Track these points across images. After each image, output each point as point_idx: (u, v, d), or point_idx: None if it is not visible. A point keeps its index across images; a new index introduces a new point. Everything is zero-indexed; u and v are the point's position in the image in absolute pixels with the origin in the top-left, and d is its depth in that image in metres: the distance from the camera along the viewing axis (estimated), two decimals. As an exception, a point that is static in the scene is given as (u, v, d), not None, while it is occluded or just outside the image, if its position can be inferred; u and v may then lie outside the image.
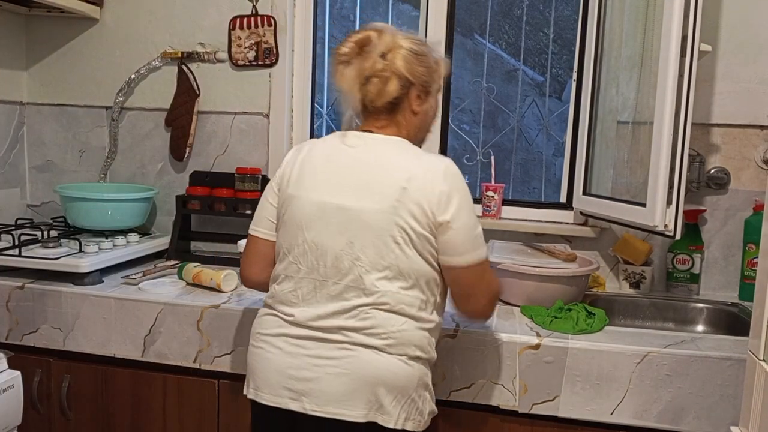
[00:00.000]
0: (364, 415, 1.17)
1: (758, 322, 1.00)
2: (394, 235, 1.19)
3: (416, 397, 1.22)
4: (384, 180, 1.21)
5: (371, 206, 1.20)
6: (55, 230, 2.03)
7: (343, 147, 1.27)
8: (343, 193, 1.22)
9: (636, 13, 1.78)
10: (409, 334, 1.21)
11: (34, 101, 2.33)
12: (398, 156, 1.25)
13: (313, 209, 1.24)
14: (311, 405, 1.19)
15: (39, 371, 1.75)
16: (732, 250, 1.93)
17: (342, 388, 1.18)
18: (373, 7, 3.14)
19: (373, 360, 1.19)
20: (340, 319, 1.20)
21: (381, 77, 1.25)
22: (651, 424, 1.43)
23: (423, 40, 1.32)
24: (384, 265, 1.20)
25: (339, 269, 1.21)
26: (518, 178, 3.19)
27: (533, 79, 3.37)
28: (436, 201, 1.20)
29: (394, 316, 1.20)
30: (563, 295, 1.68)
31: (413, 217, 1.19)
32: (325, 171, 1.26)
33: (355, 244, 1.20)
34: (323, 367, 1.19)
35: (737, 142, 1.90)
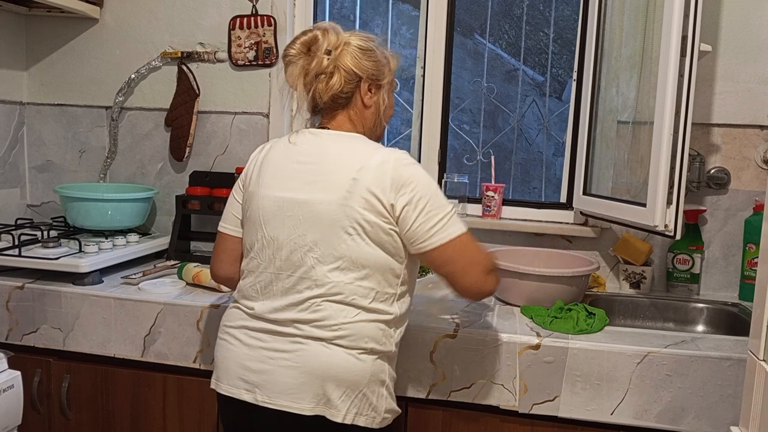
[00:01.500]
0: (311, 408, 1.19)
1: (758, 322, 1.00)
2: (345, 226, 1.21)
3: (368, 392, 1.23)
4: (336, 172, 1.23)
5: (323, 198, 1.22)
6: (55, 230, 2.03)
7: (298, 143, 1.30)
8: (297, 188, 1.25)
9: (636, 13, 1.78)
10: (361, 326, 1.22)
11: (34, 101, 2.33)
12: (350, 149, 1.27)
13: (270, 205, 1.27)
14: (263, 397, 1.22)
15: (39, 371, 1.75)
16: (732, 250, 1.93)
17: (291, 381, 1.20)
18: (373, 7, 3.14)
19: (322, 354, 1.20)
20: (293, 311, 1.23)
21: (326, 73, 1.28)
22: (651, 424, 1.43)
23: (372, 37, 1.34)
24: (336, 256, 1.21)
25: (293, 262, 1.24)
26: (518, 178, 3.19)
27: (533, 79, 3.37)
28: (389, 189, 1.21)
29: (346, 307, 1.21)
30: (563, 295, 1.68)
31: (365, 207, 1.20)
32: (280, 168, 1.29)
33: (307, 236, 1.22)
34: (276, 360, 1.22)
35: (737, 142, 1.90)
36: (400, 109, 2.54)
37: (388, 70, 1.35)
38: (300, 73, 1.29)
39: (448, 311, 1.63)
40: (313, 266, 1.22)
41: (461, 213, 2.09)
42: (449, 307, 1.67)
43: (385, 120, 1.39)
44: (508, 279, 1.70)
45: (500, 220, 2.07)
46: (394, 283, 1.26)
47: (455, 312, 1.63)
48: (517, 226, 2.03)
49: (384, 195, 1.20)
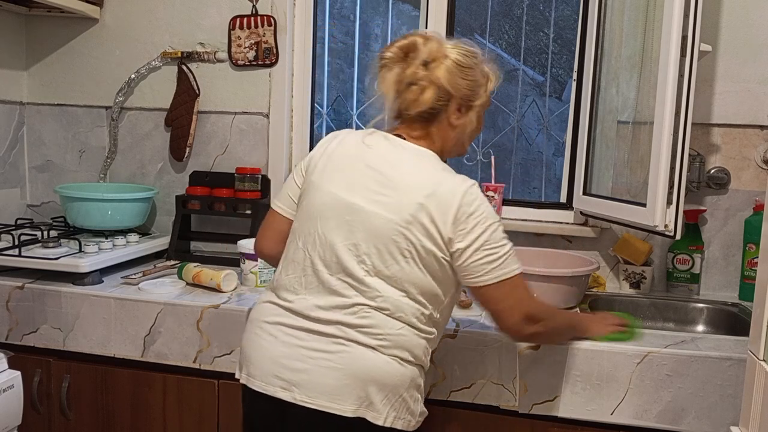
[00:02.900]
0: (353, 410, 1.18)
1: (758, 322, 1.00)
2: (401, 247, 1.19)
3: (407, 396, 1.22)
4: (404, 191, 1.20)
5: (385, 213, 1.20)
6: (55, 230, 2.03)
7: (372, 146, 1.27)
8: (361, 193, 1.22)
9: (636, 13, 1.78)
10: (405, 339, 1.21)
11: (34, 101, 2.33)
12: (423, 169, 1.23)
13: (332, 202, 1.24)
14: (301, 396, 1.19)
15: (39, 371, 1.75)
16: (732, 250, 1.93)
17: (333, 382, 1.18)
18: (374, 7, 3.14)
19: (366, 357, 1.19)
20: (339, 313, 1.20)
21: (419, 85, 1.24)
22: (651, 424, 1.43)
23: (475, 52, 1.29)
24: (387, 273, 1.20)
25: (344, 266, 1.21)
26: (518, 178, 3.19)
27: (533, 79, 3.37)
28: (450, 222, 1.19)
29: (392, 320, 1.21)
30: (563, 295, 1.68)
31: (425, 234, 1.19)
32: (349, 167, 1.25)
33: (361, 246, 1.20)
34: (316, 360, 1.19)
35: (737, 142, 1.90)
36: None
37: (483, 91, 1.30)
38: (394, 80, 1.25)
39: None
40: (363, 277, 1.20)
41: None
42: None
43: (470, 140, 1.36)
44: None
45: (500, 220, 2.07)
46: (438, 308, 1.25)
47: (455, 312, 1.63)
48: (517, 226, 2.03)
49: (445, 226, 1.19)
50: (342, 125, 2.50)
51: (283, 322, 1.24)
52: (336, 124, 2.48)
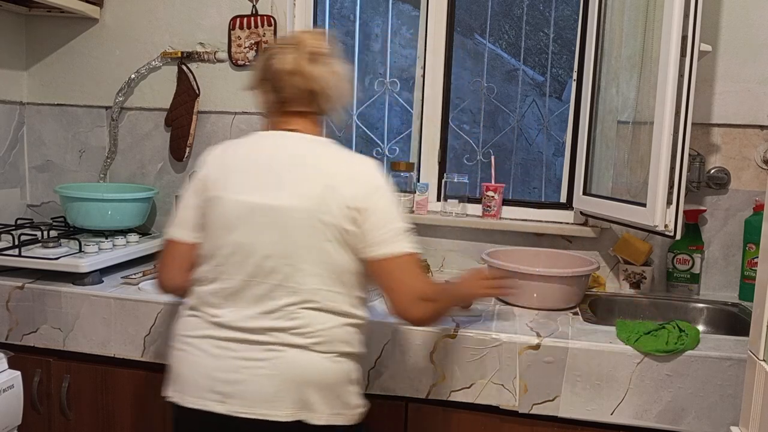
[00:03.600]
0: (290, 414, 1.19)
1: (758, 322, 1.00)
2: (320, 232, 1.21)
3: (343, 392, 1.24)
4: (310, 178, 1.23)
5: (297, 204, 1.21)
6: (55, 230, 2.03)
7: (266, 146, 1.29)
8: (269, 193, 1.23)
9: (636, 13, 1.78)
10: (336, 331, 1.23)
11: (34, 101, 2.33)
12: (324, 155, 1.27)
13: (239, 209, 1.23)
14: (237, 407, 1.19)
15: (39, 371, 1.75)
16: (732, 250, 1.93)
17: (269, 389, 1.19)
18: (373, 7, 3.14)
19: (300, 360, 1.20)
20: (267, 319, 1.21)
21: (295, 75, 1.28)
22: (651, 424, 1.43)
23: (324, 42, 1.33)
24: (311, 262, 1.21)
25: (266, 269, 1.21)
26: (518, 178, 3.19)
27: (533, 79, 3.37)
28: (361, 196, 1.22)
29: (322, 314, 1.22)
30: (564, 295, 1.68)
31: (339, 213, 1.21)
32: (248, 171, 1.26)
33: (281, 243, 1.21)
34: (250, 369, 1.20)
35: (737, 142, 1.90)
36: (400, 109, 2.54)
37: None
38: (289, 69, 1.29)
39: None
40: (288, 274, 1.20)
41: (461, 213, 2.09)
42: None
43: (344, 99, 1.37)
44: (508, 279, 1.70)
45: (500, 220, 2.07)
46: (363, 287, 1.28)
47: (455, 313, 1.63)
48: (517, 226, 2.03)
49: (355, 202, 1.22)
50: (341, 125, 2.50)
51: (211, 335, 1.24)
52: (335, 123, 2.48)
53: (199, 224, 1.30)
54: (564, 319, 1.62)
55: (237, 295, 1.23)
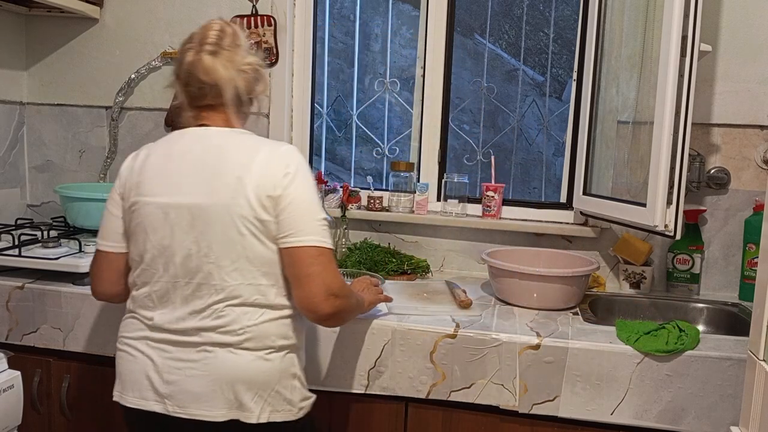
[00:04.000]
0: (224, 414, 1.20)
1: (758, 322, 1.00)
2: (237, 226, 1.19)
3: (281, 389, 1.23)
4: (221, 172, 1.21)
5: (212, 201, 1.20)
6: (55, 230, 2.03)
7: (179, 146, 1.27)
8: (184, 192, 1.22)
9: (636, 13, 1.78)
10: (266, 325, 1.22)
11: (34, 101, 2.33)
12: (235, 146, 1.24)
13: (157, 212, 1.23)
14: (173, 407, 1.21)
15: (39, 371, 1.75)
16: (732, 250, 1.93)
17: (201, 390, 1.20)
18: (374, 7, 3.14)
19: (229, 360, 1.20)
20: (195, 320, 1.21)
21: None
22: (651, 424, 1.43)
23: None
24: (232, 258, 1.20)
25: (189, 269, 1.21)
26: (518, 178, 3.18)
27: (533, 79, 3.37)
28: (273, 184, 1.19)
29: (249, 309, 1.21)
30: (564, 295, 1.68)
31: (253, 204, 1.19)
32: (164, 173, 1.25)
33: (201, 241, 1.21)
34: (183, 370, 1.21)
35: (737, 142, 1.90)
36: (399, 109, 2.54)
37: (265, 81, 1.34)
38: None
39: (448, 312, 1.63)
40: (210, 271, 1.20)
41: (461, 213, 2.09)
42: (449, 309, 1.67)
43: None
44: (508, 279, 1.70)
45: (500, 220, 2.07)
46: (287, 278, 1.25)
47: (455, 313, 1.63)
48: (517, 226, 2.03)
49: (268, 191, 1.19)
50: (342, 125, 2.49)
51: (147, 336, 1.26)
52: (336, 123, 2.48)
53: (124, 233, 1.30)
54: (564, 319, 1.62)
55: (166, 297, 1.24)
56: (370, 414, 1.58)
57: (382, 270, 1.93)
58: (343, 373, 1.54)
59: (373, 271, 1.88)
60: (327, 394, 1.55)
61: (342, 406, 1.59)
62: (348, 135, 2.47)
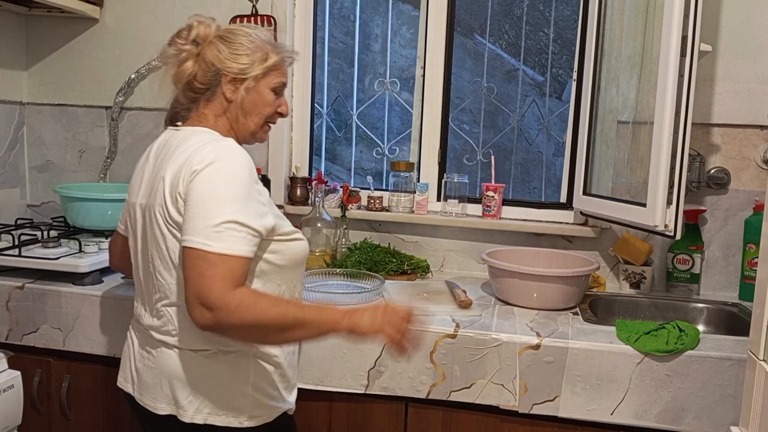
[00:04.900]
0: (163, 408, 1.22)
1: (758, 322, 1.00)
2: (158, 226, 1.19)
3: (223, 392, 1.20)
4: (152, 171, 1.24)
5: (146, 201, 1.23)
6: (55, 230, 2.03)
7: (154, 147, 1.32)
8: (141, 193, 1.26)
9: (636, 13, 1.78)
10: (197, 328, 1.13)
11: (34, 101, 2.33)
12: (181, 146, 1.21)
13: (129, 211, 1.31)
14: (137, 393, 1.27)
15: (39, 371, 1.75)
16: (732, 250, 1.93)
17: (150, 381, 1.24)
18: (373, 7, 3.14)
19: (169, 356, 1.22)
20: (148, 317, 1.26)
21: (185, 59, 1.27)
22: (651, 424, 1.43)
23: (247, 31, 1.28)
24: (161, 257, 1.20)
25: (143, 270, 1.26)
26: (518, 178, 3.18)
27: (533, 79, 3.37)
28: (180, 181, 1.14)
29: (178, 309, 1.20)
30: (564, 295, 1.68)
31: (168, 203, 1.16)
32: (140, 173, 1.31)
33: (145, 242, 1.24)
34: (143, 360, 1.27)
35: (737, 142, 1.90)
36: (399, 109, 2.54)
37: (259, 65, 1.26)
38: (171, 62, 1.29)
39: (448, 312, 1.63)
40: (149, 272, 1.23)
41: (461, 213, 2.08)
42: (449, 309, 1.67)
43: (258, 117, 1.31)
44: (508, 279, 1.70)
45: (500, 220, 2.07)
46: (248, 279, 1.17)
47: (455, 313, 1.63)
48: (517, 226, 2.03)
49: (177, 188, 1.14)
50: (342, 125, 2.49)
51: (135, 324, 1.33)
52: (336, 124, 2.48)
53: None
54: (564, 319, 1.62)
55: (139, 293, 1.30)
56: (370, 414, 1.58)
57: (382, 270, 1.93)
58: (343, 373, 1.54)
59: (373, 272, 1.88)
60: (327, 394, 1.56)
61: (342, 406, 1.59)
62: (348, 135, 2.47)
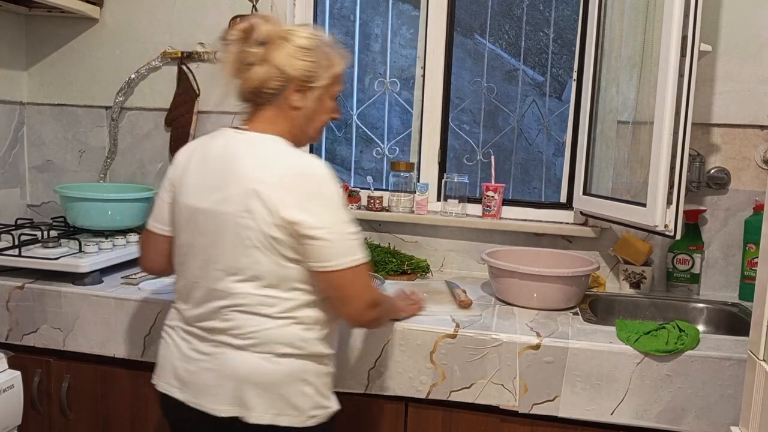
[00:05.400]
0: (227, 410, 1.21)
1: (758, 322, 1.00)
2: (243, 237, 1.18)
3: (287, 392, 1.21)
4: (237, 181, 1.19)
5: (223, 209, 1.20)
6: (55, 230, 2.03)
7: (213, 147, 1.27)
8: (205, 196, 1.23)
9: (636, 13, 1.78)
10: (273, 332, 1.20)
11: (34, 101, 2.33)
12: (256, 155, 1.21)
13: (185, 212, 1.26)
14: (190, 396, 1.24)
15: (39, 371, 1.75)
16: (732, 250, 1.93)
17: (210, 383, 1.22)
18: (373, 7, 3.14)
19: (235, 358, 1.21)
20: (207, 321, 1.24)
21: (254, 64, 1.23)
22: (651, 424, 1.43)
23: (317, 35, 1.27)
24: (237, 267, 1.20)
25: (203, 273, 1.24)
26: (518, 178, 3.19)
27: (533, 79, 3.37)
28: (291, 203, 1.15)
29: (252, 317, 1.21)
30: (564, 295, 1.68)
31: (262, 219, 1.16)
32: (196, 173, 1.27)
33: (213, 248, 1.22)
34: (199, 362, 1.24)
35: (737, 142, 1.90)
36: (399, 109, 2.54)
37: (325, 73, 1.27)
38: (232, 60, 1.25)
39: (448, 312, 1.63)
40: (218, 278, 1.21)
41: (461, 213, 2.08)
42: (449, 309, 1.67)
43: (320, 124, 1.32)
44: (508, 279, 1.70)
45: (500, 220, 2.07)
46: (307, 290, 1.22)
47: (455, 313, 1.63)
48: (517, 226, 2.03)
49: (284, 208, 1.15)
50: (342, 125, 2.50)
51: (180, 326, 1.30)
52: (335, 123, 2.48)
53: (169, 218, 1.34)
54: (564, 319, 1.62)
55: (190, 295, 1.27)
56: (370, 414, 1.58)
57: (382, 270, 1.93)
58: (343, 373, 1.54)
59: (373, 272, 1.88)
60: (327, 394, 1.56)
61: (342, 406, 1.59)
62: (348, 135, 2.47)
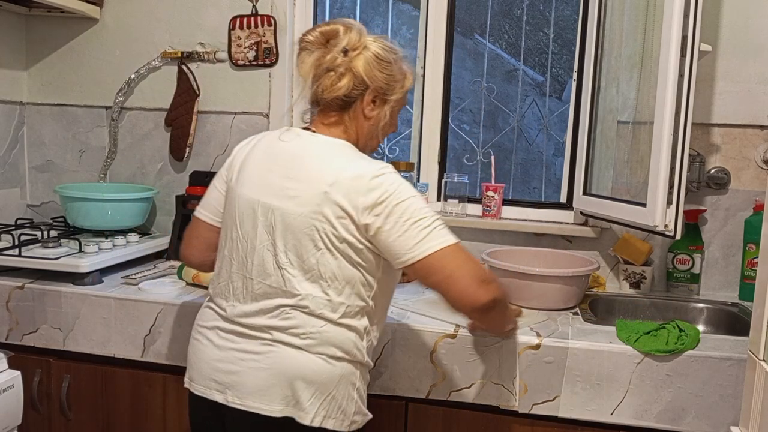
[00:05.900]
0: (280, 410, 1.19)
1: (758, 322, 1.00)
2: (314, 238, 1.18)
3: (338, 395, 1.21)
4: (310, 182, 1.20)
5: (294, 208, 1.19)
6: (55, 230, 2.03)
7: (281, 144, 1.27)
8: (271, 192, 1.22)
9: (636, 13, 1.78)
10: (330, 335, 1.20)
11: (34, 101, 2.33)
12: (330, 158, 1.22)
13: (245, 206, 1.25)
14: (233, 398, 1.21)
15: (39, 371, 1.75)
16: (732, 250, 1.93)
17: (261, 383, 1.20)
18: (373, 7, 3.14)
19: (293, 356, 1.20)
20: (264, 317, 1.22)
21: (337, 71, 1.24)
22: (651, 424, 1.43)
23: (395, 49, 1.29)
24: (305, 268, 1.19)
25: (264, 269, 1.22)
26: (518, 178, 3.19)
27: (533, 79, 3.37)
28: (361, 207, 1.16)
29: (313, 318, 1.20)
30: (564, 295, 1.68)
31: (335, 221, 1.17)
32: (260, 167, 1.26)
33: (278, 246, 1.21)
34: (246, 362, 1.22)
35: (737, 142, 1.90)
36: (400, 109, 2.54)
37: (400, 87, 1.29)
38: (312, 64, 1.25)
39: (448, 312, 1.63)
40: (282, 276, 1.20)
41: (461, 213, 2.08)
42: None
43: (382, 135, 1.34)
44: (508, 279, 1.70)
45: (500, 220, 2.07)
46: (365, 297, 1.23)
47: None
48: (517, 226, 2.03)
49: (356, 212, 1.17)
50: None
51: (218, 326, 1.27)
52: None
53: (221, 209, 1.34)
54: (564, 319, 1.62)
55: (240, 290, 1.25)
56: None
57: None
58: (343, 373, 1.54)
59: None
60: (327, 394, 1.55)
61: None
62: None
